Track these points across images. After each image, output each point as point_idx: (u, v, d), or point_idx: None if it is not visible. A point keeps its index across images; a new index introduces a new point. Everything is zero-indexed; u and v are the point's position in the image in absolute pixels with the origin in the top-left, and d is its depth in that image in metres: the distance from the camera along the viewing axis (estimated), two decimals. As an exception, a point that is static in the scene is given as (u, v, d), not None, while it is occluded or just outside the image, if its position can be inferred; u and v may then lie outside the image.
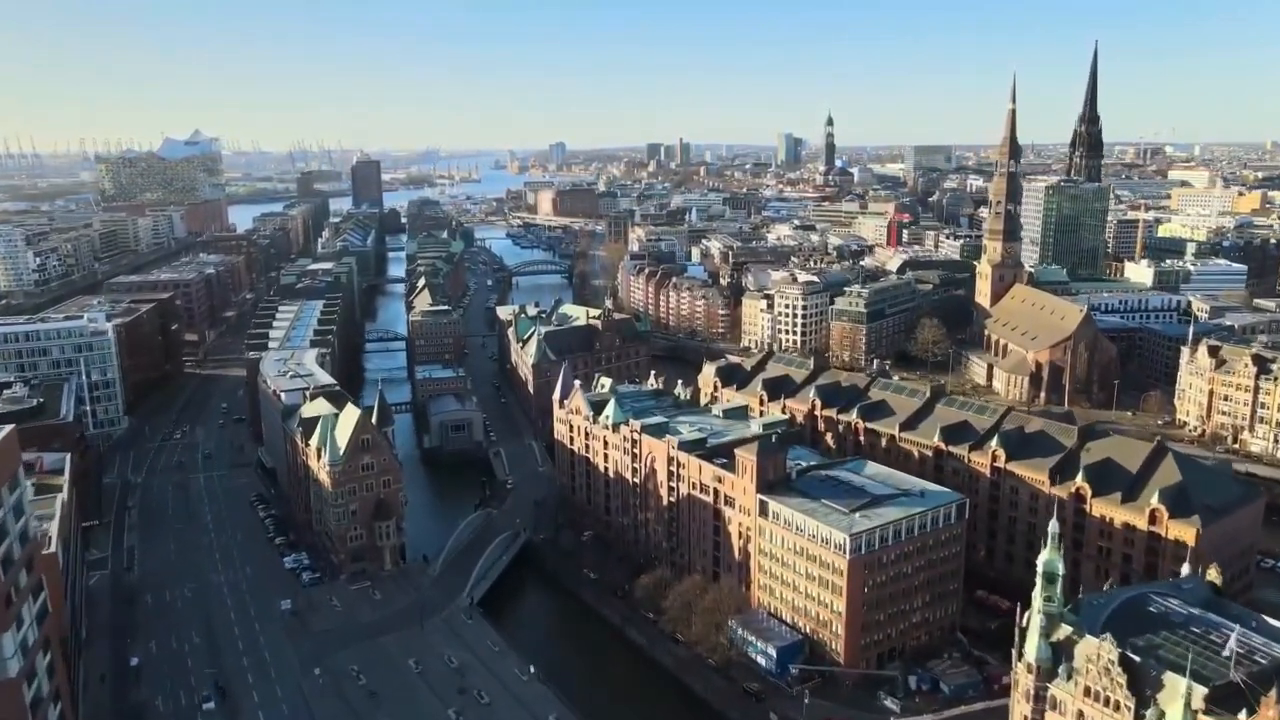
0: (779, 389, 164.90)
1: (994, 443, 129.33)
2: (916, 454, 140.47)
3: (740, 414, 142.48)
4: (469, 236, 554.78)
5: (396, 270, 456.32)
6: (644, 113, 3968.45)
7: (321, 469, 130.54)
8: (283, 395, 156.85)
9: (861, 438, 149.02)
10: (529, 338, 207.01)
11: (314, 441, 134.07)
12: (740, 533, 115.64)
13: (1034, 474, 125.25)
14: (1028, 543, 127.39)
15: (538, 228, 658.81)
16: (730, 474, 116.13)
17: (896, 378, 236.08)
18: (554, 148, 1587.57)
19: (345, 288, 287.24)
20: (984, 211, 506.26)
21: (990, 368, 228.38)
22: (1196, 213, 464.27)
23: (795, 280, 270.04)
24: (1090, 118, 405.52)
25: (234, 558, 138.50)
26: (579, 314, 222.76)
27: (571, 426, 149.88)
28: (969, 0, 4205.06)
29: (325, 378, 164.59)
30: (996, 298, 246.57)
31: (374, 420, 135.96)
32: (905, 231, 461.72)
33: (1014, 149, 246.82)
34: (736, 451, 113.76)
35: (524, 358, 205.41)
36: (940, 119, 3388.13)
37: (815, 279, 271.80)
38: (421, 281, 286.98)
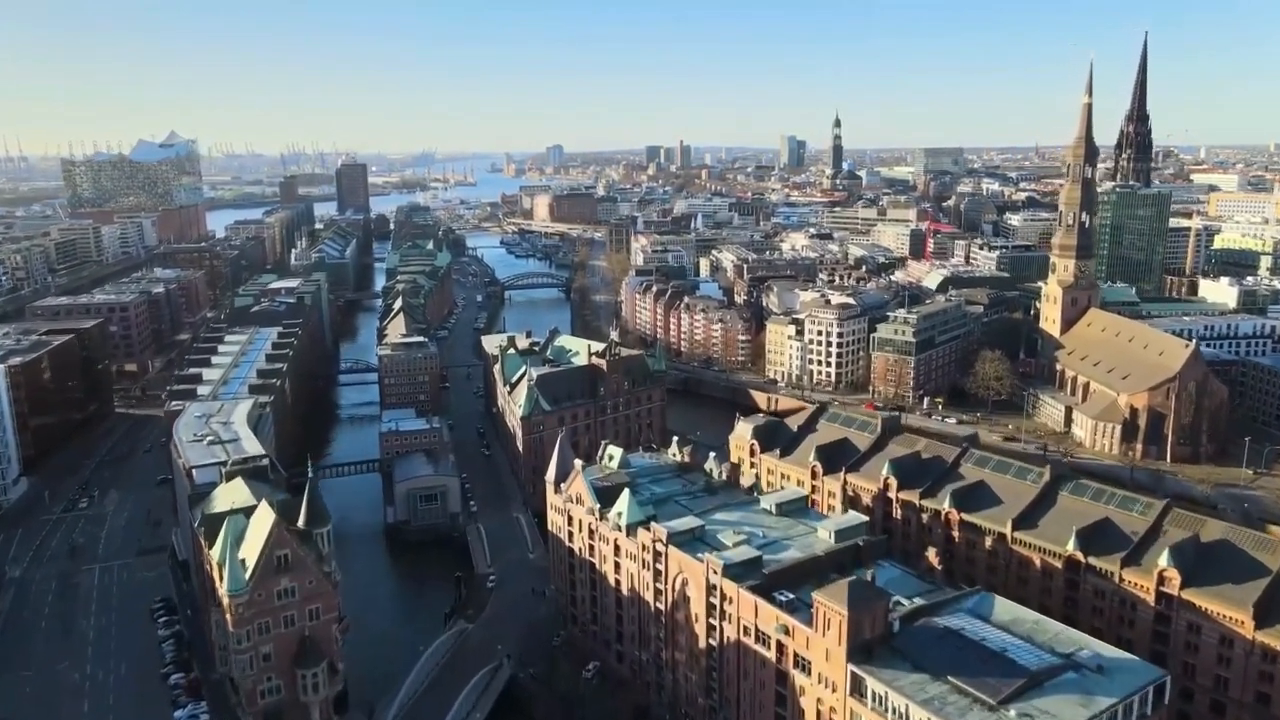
0: (837, 459, 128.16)
1: (1164, 559, 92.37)
2: (1038, 563, 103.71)
3: (798, 507, 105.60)
4: (459, 245, 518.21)
5: (383, 282, 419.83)
6: (642, 115, 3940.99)
7: (222, 595, 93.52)
8: (195, 472, 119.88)
9: (955, 533, 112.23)
10: (518, 380, 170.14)
11: (215, 552, 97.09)
12: (819, 712, 78.79)
13: (1227, 609, 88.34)
14: (1214, 704, 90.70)
15: (533, 235, 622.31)
16: (803, 625, 79.29)
17: (953, 420, 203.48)
18: (551, 150, 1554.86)
19: (310, 310, 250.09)
20: (1012, 219, 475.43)
21: (1069, 411, 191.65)
22: (1246, 220, 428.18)
23: (828, 303, 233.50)
24: (1139, 116, 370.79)
25: (109, 708, 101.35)
26: (579, 348, 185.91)
27: (571, 519, 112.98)
28: (968, 0, 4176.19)
29: (252, 445, 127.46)
30: (1068, 325, 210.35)
31: (302, 520, 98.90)
32: (931, 240, 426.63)
33: (1089, 150, 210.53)
34: (815, 598, 76.90)
35: (511, 406, 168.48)
36: (944, 121, 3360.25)
37: (851, 301, 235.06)
38: (398, 303, 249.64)
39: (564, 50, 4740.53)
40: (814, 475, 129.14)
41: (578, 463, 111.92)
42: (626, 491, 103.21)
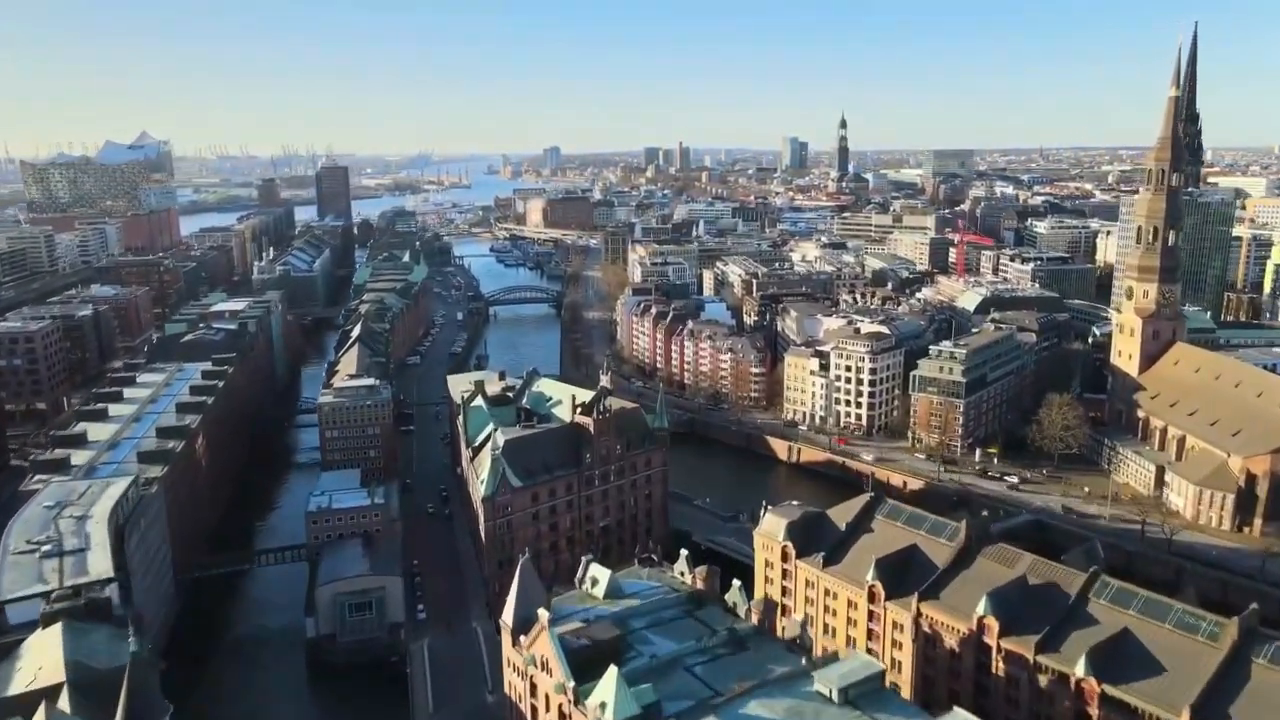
0: (905, 577, 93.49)
1: None
2: (1234, 779, 69.04)
3: (871, 689, 70.50)
4: (445, 254, 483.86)
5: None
6: (641, 115, 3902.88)
7: None
8: (8, 609, 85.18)
9: (1094, 710, 77.45)
10: (482, 442, 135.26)
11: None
12: None
13: None
14: None
15: (525, 242, 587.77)
16: None
17: (1014, 479, 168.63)
18: (548, 152, 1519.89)
19: (254, 338, 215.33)
20: (1039, 226, 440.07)
21: (1160, 472, 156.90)
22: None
23: (858, 332, 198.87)
24: (1188, 115, 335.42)
25: None
26: (562, 395, 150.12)
27: (535, 688, 78.18)
28: (969, 3, 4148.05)
29: (100, 561, 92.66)
30: (1149, 362, 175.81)
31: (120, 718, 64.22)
32: (951, 251, 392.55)
33: (1176, 154, 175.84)
34: None
35: (473, 477, 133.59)
36: (944, 123, 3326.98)
37: (885, 330, 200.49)
38: (357, 330, 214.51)
39: (563, 51, 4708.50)
40: (873, 598, 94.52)
41: (543, 614, 76.80)
42: (613, 673, 68.28)
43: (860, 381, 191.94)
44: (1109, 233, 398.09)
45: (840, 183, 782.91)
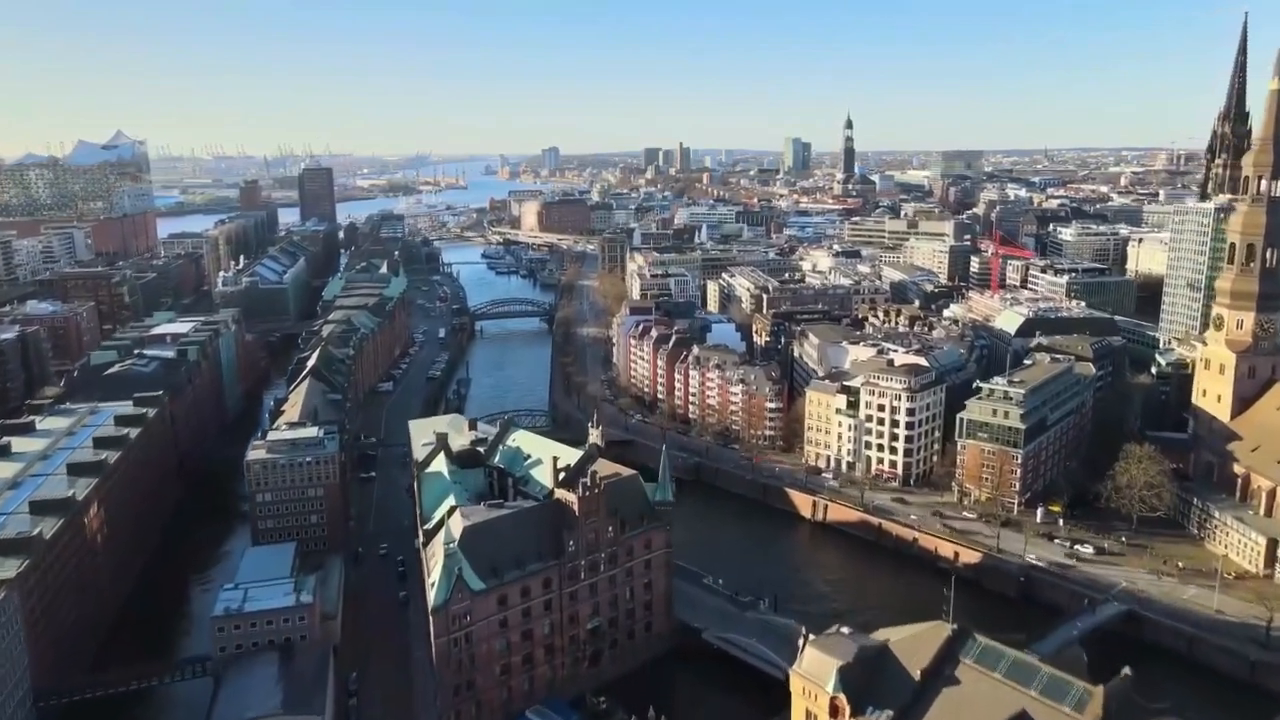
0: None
1: None
2: None
3: None
4: (434, 260, 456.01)
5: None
6: (641, 116, 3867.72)
7: None
8: None
9: None
10: (438, 524, 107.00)
11: None
12: None
13: None
14: None
15: (519, 247, 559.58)
16: None
17: (1089, 549, 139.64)
18: (547, 153, 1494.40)
19: (193, 369, 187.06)
20: (1064, 233, 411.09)
21: (1272, 545, 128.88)
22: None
23: (891, 364, 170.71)
24: (1237, 114, 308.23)
25: None
26: (543, 454, 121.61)
27: None
28: (970, 4, 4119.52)
29: None
30: (1244, 405, 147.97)
31: None
32: (973, 260, 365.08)
33: (1279, 158, 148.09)
34: None
35: (426, 569, 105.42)
36: (946, 123, 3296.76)
37: (923, 362, 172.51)
38: (314, 359, 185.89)
39: (563, 51, 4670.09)
40: (968, 795, 66.46)
41: None
42: None
43: (896, 424, 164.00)
44: (1140, 240, 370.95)
45: (846, 185, 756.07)
